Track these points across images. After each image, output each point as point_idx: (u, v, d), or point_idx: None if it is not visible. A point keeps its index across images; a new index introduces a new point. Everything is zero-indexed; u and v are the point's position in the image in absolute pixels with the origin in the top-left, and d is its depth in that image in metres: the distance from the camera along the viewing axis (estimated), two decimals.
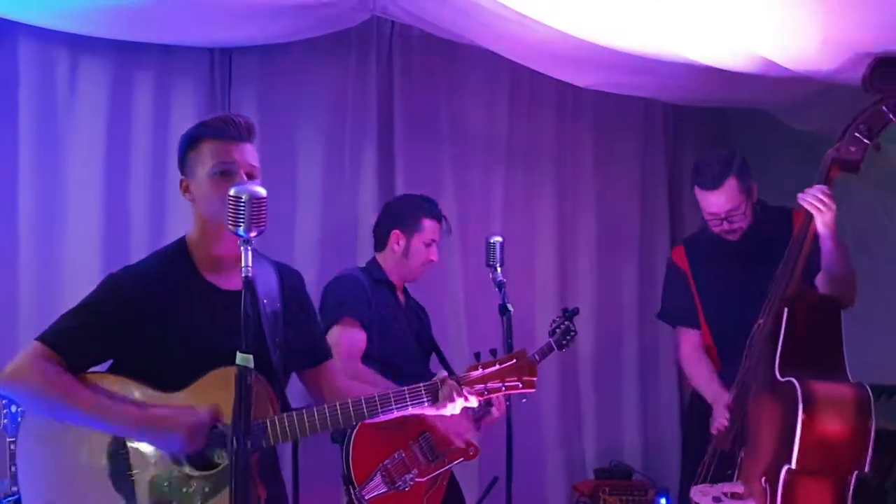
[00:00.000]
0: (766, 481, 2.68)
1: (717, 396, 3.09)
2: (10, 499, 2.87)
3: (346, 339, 3.05)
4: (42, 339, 2.11)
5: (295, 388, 2.37)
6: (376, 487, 2.94)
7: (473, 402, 2.16)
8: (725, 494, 2.80)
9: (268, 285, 2.24)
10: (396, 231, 3.30)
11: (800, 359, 2.72)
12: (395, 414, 2.16)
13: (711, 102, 4.27)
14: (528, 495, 4.02)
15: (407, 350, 3.27)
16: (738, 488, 2.81)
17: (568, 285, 4.38)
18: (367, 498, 2.93)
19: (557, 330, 3.49)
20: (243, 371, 1.82)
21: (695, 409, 3.54)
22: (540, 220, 4.33)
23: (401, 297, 3.36)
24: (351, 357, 3.03)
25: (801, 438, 2.56)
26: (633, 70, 3.76)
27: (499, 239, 2.98)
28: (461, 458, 3.13)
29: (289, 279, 2.32)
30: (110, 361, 2.19)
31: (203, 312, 2.12)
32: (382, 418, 2.18)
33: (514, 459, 2.93)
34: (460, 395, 2.13)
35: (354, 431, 2.95)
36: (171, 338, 2.10)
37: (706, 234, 3.34)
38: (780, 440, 2.65)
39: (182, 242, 2.22)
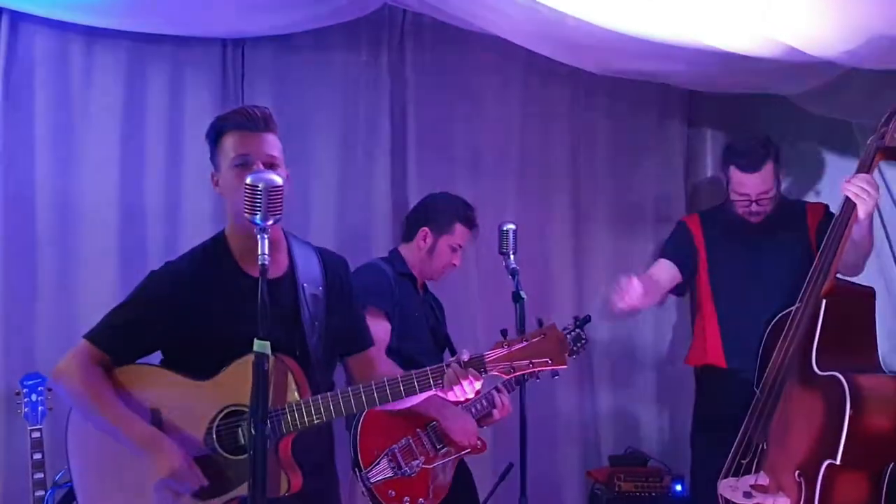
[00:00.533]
0: (800, 475, 2.69)
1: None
2: (67, 484, 2.91)
3: (373, 329, 3.04)
4: (89, 336, 2.24)
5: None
6: (382, 471, 2.96)
7: (477, 386, 2.11)
8: (753, 488, 2.80)
9: (309, 269, 2.29)
10: (426, 228, 3.32)
11: (837, 351, 2.72)
12: (407, 400, 2.17)
13: (730, 89, 4.24)
14: (543, 482, 4.03)
15: (425, 344, 3.29)
16: (763, 480, 2.80)
17: (583, 272, 4.37)
18: (372, 481, 2.95)
19: (569, 336, 3.53)
20: (260, 358, 1.85)
21: (704, 393, 3.57)
22: (554, 205, 4.31)
23: (420, 290, 3.38)
24: (378, 348, 3.04)
25: (847, 435, 2.56)
26: (648, 56, 3.74)
27: (512, 226, 2.99)
28: (468, 450, 3.14)
29: (332, 265, 2.36)
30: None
31: (241, 302, 2.16)
32: (397, 405, 2.21)
33: (528, 446, 2.94)
34: (464, 378, 2.09)
35: (363, 416, 2.96)
36: (211, 328, 2.18)
37: (725, 213, 3.40)
38: (819, 435, 2.66)
39: (221, 235, 2.30)
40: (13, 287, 3.48)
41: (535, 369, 2.10)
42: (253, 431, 1.86)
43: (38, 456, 3.07)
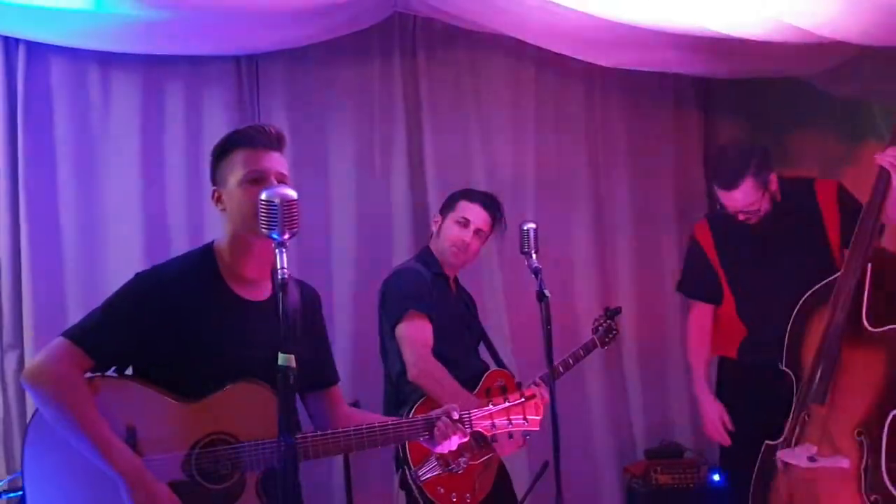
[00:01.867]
0: (860, 434, 2.83)
1: (705, 395, 3.43)
2: (12, 495, 2.84)
3: (416, 333, 3.08)
4: (68, 335, 2.10)
5: None
6: (431, 469, 2.99)
7: (463, 440, 2.26)
8: (810, 456, 2.92)
9: (292, 297, 2.22)
10: (438, 214, 3.39)
11: (886, 309, 2.88)
12: (395, 443, 2.28)
13: (743, 74, 4.21)
14: (579, 479, 4.02)
15: (461, 342, 3.30)
16: (813, 450, 2.92)
17: (607, 266, 4.35)
18: (422, 479, 2.97)
19: (600, 328, 3.58)
20: (286, 371, 1.83)
21: (726, 380, 3.59)
22: (574, 201, 4.30)
23: (453, 287, 3.38)
24: (422, 352, 3.06)
25: None
26: (658, 47, 3.73)
27: (532, 225, 2.97)
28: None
29: (309, 298, 2.32)
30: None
31: (227, 322, 2.12)
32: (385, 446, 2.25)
33: (562, 444, 2.92)
34: (455, 432, 2.23)
35: (411, 415, 2.98)
36: (193, 344, 2.10)
37: (727, 215, 3.38)
38: (881, 389, 2.80)
39: (209, 249, 2.22)
40: (41, 309, 3.51)
41: (512, 429, 2.32)
42: (284, 446, 1.82)
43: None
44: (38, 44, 3.53)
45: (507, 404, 2.30)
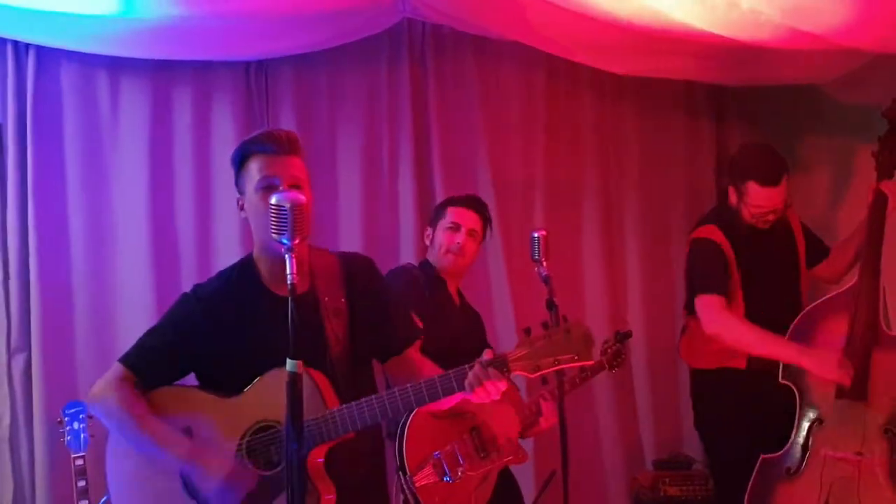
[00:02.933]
0: (888, 430, 3.07)
1: (799, 349, 3.22)
2: None
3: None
4: (123, 360, 2.27)
5: None
6: (426, 476, 2.94)
7: (501, 387, 2.03)
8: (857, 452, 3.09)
9: (330, 282, 2.28)
10: (428, 228, 3.38)
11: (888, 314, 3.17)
12: (433, 405, 2.14)
13: (755, 81, 4.19)
14: (587, 489, 4.00)
15: (461, 348, 3.22)
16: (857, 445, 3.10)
17: (616, 274, 4.32)
18: (416, 485, 2.93)
19: (609, 350, 3.54)
20: (293, 377, 1.84)
21: (729, 391, 3.53)
22: (583, 209, 4.28)
23: (456, 299, 3.35)
24: None
25: None
26: (670, 54, 3.72)
27: (542, 233, 2.96)
28: (510, 459, 3.11)
29: (355, 269, 2.33)
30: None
31: (268, 323, 2.18)
32: (432, 407, 2.20)
33: (570, 454, 2.90)
34: (486, 378, 2.02)
35: (409, 420, 2.94)
36: (241, 351, 2.19)
37: (734, 217, 3.42)
38: None
39: (249, 258, 2.31)
40: (51, 318, 3.53)
41: (562, 366, 2.01)
42: (288, 449, 1.85)
43: (81, 483, 3.10)
44: (47, 49, 3.54)
45: (546, 338, 2.00)
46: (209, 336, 2.21)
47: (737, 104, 4.53)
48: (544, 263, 2.95)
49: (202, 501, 2.17)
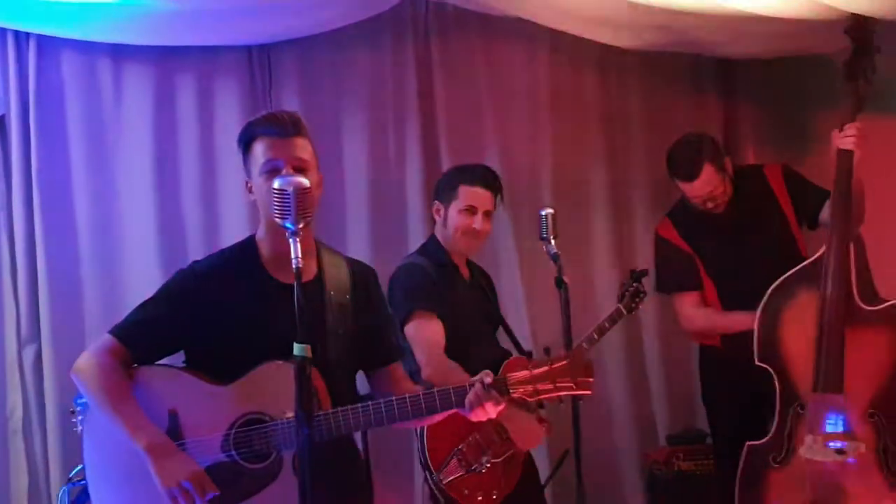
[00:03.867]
0: (873, 415, 2.88)
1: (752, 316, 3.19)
2: (81, 482, 2.96)
3: (426, 332, 2.99)
4: (113, 332, 2.22)
5: None
6: (453, 471, 2.93)
7: (499, 408, 2.09)
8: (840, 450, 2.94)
9: (337, 277, 2.27)
10: (436, 202, 3.27)
11: (870, 287, 2.97)
12: (427, 419, 2.16)
13: (764, 54, 4.14)
14: (601, 467, 3.99)
15: (476, 332, 3.22)
16: (841, 444, 2.94)
17: (625, 250, 4.29)
18: (444, 482, 2.93)
19: (627, 293, 3.42)
20: (302, 361, 1.83)
21: (709, 370, 3.62)
22: (591, 184, 4.24)
23: (465, 273, 3.28)
24: (434, 351, 2.97)
25: None
26: (675, 27, 3.67)
27: (550, 210, 2.94)
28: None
29: (361, 275, 2.33)
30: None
31: (266, 307, 2.15)
32: (416, 423, 2.21)
33: (583, 432, 2.90)
34: (487, 400, 2.07)
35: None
36: (234, 332, 2.15)
37: (690, 207, 3.46)
38: (891, 364, 2.86)
39: (251, 239, 2.28)
40: (57, 303, 3.53)
41: (560, 393, 2.07)
42: (300, 435, 1.83)
43: None
44: (48, 37, 3.52)
45: (548, 368, 2.06)
46: (203, 314, 2.16)
47: (745, 78, 4.48)
48: (553, 241, 2.93)
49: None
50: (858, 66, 3.16)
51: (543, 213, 2.94)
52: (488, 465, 2.96)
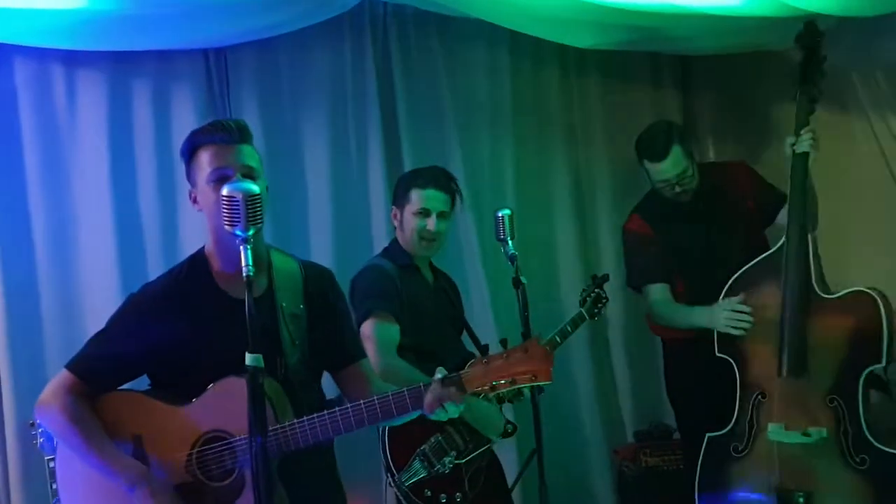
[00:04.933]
0: (832, 400, 2.95)
1: (700, 311, 3.32)
2: None
3: (379, 333, 2.99)
4: (69, 366, 2.22)
5: None
6: (416, 473, 2.93)
7: (461, 406, 2.09)
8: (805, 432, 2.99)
9: (289, 286, 2.24)
10: (393, 207, 3.28)
11: (824, 279, 3.07)
12: (386, 419, 2.14)
13: (721, 50, 4.18)
14: (569, 464, 4.00)
15: (440, 333, 3.22)
16: (809, 430, 2.98)
17: (590, 247, 4.33)
18: (406, 483, 2.92)
19: (588, 298, 3.49)
20: (254, 371, 1.81)
21: (675, 362, 3.69)
22: (554, 188, 4.26)
23: (428, 276, 3.29)
24: (386, 352, 2.97)
25: (888, 334, 2.89)
26: (634, 27, 3.69)
27: (507, 211, 2.94)
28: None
29: (314, 279, 2.31)
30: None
31: (220, 324, 2.13)
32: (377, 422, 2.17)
33: (550, 429, 2.91)
34: (445, 396, 2.06)
35: None
36: (191, 352, 2.14)
37: (658, 199, 3.55)
38: (849, 351, 2.94)
39: (200, 254, 2.25)
40: (17, 318, 3.45)
41: (517, 385, 2.05)
42: (255, 445, 1.81)
43: (56, 486, 3.05)
44: (0, 45, 3.46)
45: (503, 360, 2.05)
46: (159, 338, 2.14)
47: (703, 74, 4.51)
48: (510, 242, 2.93)
49: None
50: (809, 72, 3.27)
51: (499, 214, 2.94)
52: (451, 466, 2.95)
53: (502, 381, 2.04)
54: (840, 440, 2.93)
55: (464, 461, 3.01)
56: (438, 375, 2.09)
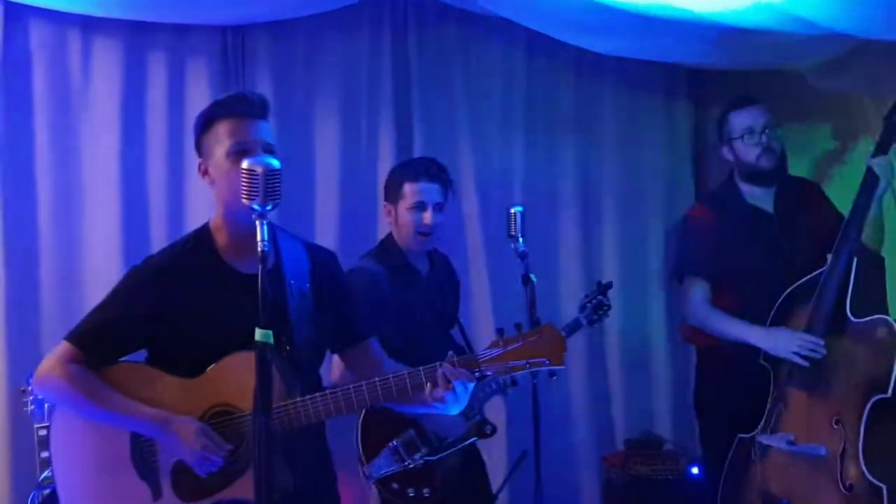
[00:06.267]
0: (837, 422, 2.93)
1: (759, 331, 3.19)
2: (50, 486, 2.91)
3: None
4: (69, 338, 2.17)
5: None
6: (386, 465, 2.91)
7: (470, 387, 2.06)
8: (790, 441, 3.01)
9: (296, 264, 2.22)
10: (386, 203, 3.22)
11: (866, 302, 3.01)
12: (399, 397, 2.10)
13: (738, 66, 4.17)
14: (558, 469, 3.98)
15: (427, 334, 3.16)
16: (792, 436, 3.02)
17: (593, 251, 4.31)
18: (375, 476, 2.90)
19: (588, 304, 3.40)
20: (263, 347, 1.79)
21: (708, 370, 3.57)
22: (562, 185, 4.25)
23: (423, 269, 3.22)
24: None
25: None
26: (652, 34, 3.68)
27: (519, 209, 2.92)
28: (475, 436, 3.08)
29: (320, 260, 2.29)
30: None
31: (225, 298, 2.11)
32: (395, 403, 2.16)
33: (542, 433, 2.89)
34: (457, 378, 2.04)
35: (364, 410, 2.89)
36: (194, 326, 2.10)
37: (729, 193, 3.42)
38: (862, 377, 2.90)
39: (205, 228, 2.21)
40: (16, 283, 3.43)
41: (532, 368, 2.06)
42: (258, 422, 1.79)
43: (45, 454, 3.02)
44: (17, 5, 3.43)
45: (520, 343, 2.04)
46: (161, 311, 2.11)
47: (717, 88, 4.51)
48: (521, 239, 2.92)
49: (154, 467, 2.12)
50: None
51: (511, 210, 2.92)
52: (421, 463, 2.93)
53: (518, 364, 2.04)
54: (836, 462, 2.91)
55: (436, 458, 2.98)
56: (455, 357, 2.08)
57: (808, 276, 3.13)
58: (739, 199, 3.41)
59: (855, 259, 3.02)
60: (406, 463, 2.92)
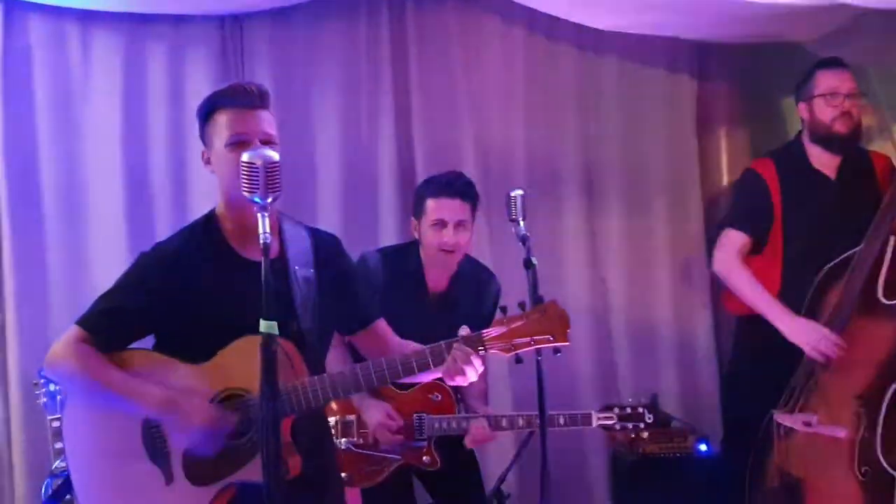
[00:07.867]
0: (860, 405, 2.89)
1: (782, 312, 3.11)
2: (63, 473, 2.92)
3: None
4: (80, 322, 2.18)
5: None
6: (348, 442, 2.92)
7: (478, 366, 2.07)
8: (806, 423, 2.97)
9: (300, 251, 2.23)
10: (413, 219, 3.17)
11: None
12: (407, 376, 2.13)
13: (741, 39, 4.14)
14: (565, 448, 4.01)
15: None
16: (813, 418, 2.96)
17: (597, 234, 4.30)
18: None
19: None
20: (267, 338, 1.81)
21: (748, 337, 3.48)
22: (563, 169, 4.23)
23: (437, 288, 3.14)
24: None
25: None
26: (653, 8, 3.66)
27: (520, 192, 2.89)
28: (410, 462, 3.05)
29: (324, 244, 2.30)
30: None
31: (232, 284, 2.12)
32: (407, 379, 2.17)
33: (548, 412, 2.89)
34: (466, 362, 2.05)
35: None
36: (203, 311, 2.12)
37: (798, 154, 3.32)
38: (885, 361, 2.87)
39: (211, 215, 2.23)
40: (25, 276, 3.48)
41: (537, 346, 2.06)
42: (264, 411, 1.81)
43: (59, 445, 3.07)
44: (16, 1, 3.44)
45: (524, 321, 2.03)
46: (170, 297, 2.12)
47: (718, 63, 4.48)
48: (522, 223, 2.91)
49: (165, 452, 2.13)
50: None
51: (512, 194, 2.90)
52: (345, 448, 2.93)
53: (523, 341, 2.04)
54: (854, 446, 2.90)
55: (361, 452, 2.95)
56: (463, 333, 2.08)
57: (845, 254, 3.04)
58: (804, 160, 3.31)
59: (892, 239, 2.96)
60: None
